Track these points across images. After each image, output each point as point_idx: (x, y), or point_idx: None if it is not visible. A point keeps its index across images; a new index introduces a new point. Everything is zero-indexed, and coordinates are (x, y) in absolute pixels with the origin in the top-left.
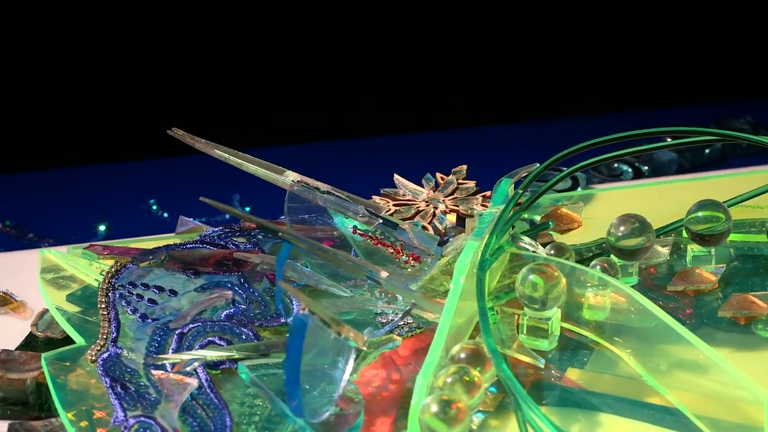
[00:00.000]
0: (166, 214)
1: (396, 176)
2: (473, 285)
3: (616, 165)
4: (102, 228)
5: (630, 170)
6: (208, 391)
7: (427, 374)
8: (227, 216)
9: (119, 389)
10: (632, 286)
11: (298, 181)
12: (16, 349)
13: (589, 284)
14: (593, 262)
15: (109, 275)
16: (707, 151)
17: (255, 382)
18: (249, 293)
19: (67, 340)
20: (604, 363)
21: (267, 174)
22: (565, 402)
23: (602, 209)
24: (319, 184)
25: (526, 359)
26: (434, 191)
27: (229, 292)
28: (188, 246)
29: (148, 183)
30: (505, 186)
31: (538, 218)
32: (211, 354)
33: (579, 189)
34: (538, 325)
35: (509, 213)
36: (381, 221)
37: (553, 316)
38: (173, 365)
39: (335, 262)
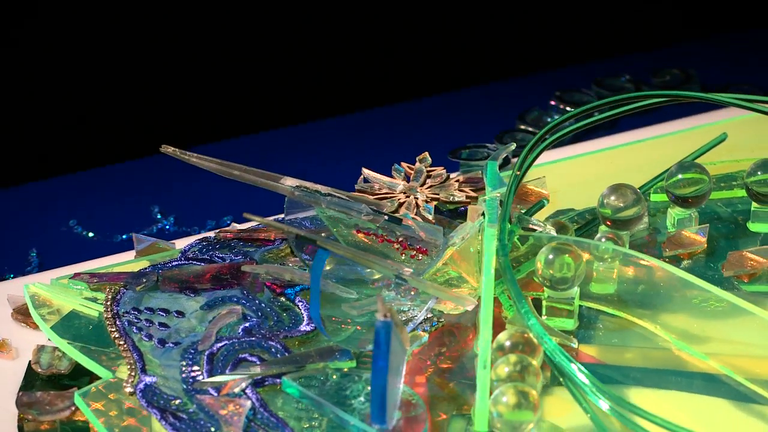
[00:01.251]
0: (91, 234)
1: (365, 170)
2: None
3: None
4: (33, 254)
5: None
6: (262, 410)
7: (488, 367)
8: (159, 226)
9: (171, 419)
10: None
11: (296, 186)
12: (21, 390)
13: (606, 258)
14: (597, 236)
15: (109, 303)
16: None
17: (306, 395)
18: (258, 306)
19: (76, 373)
20: (631, 337)
21: (264, 182)
22: (603, 379)
23: (558, 182)
24: (318, 187)
25: (557, 340)
26: (407, 181)
27: (239, 307)
28: (175, 264)
29: (60, 201)
30: (494, 169)
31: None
32: (256, 372)
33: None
34: (562, 306)
35: (513, 195)
36: (386, 218)
37: (576, 295)
38: (218, 389)
39: (368, 263)
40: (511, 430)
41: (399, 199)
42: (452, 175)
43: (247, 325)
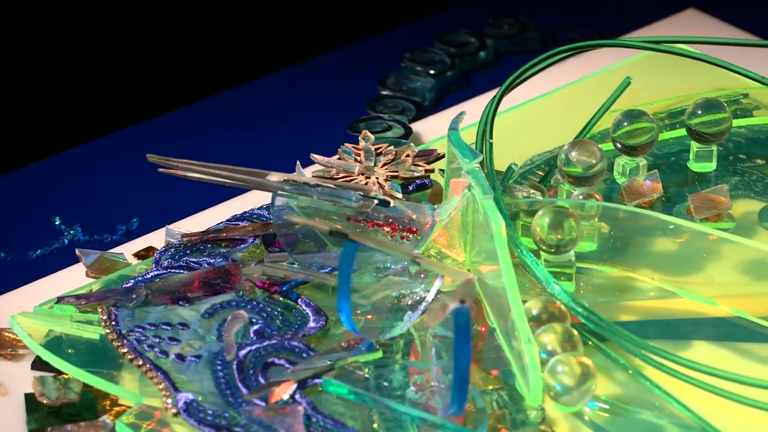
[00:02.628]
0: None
1: (313, 155)
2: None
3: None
4: None
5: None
6: (316, 413)
7: (532, 340)
8: (69, 237)
9: None
10: None
11: (284, 180)
12: (30, 425)
13: (592, 215)
14: (575, 194)
15: (108, 323)
16: (482, 54)
17: (357, 392)
18: (259, 307)
19: (88, 401)
20: (626, 292)
21: (253, 180)
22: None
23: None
24: (306, 178)
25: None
26: (359, 162)
27: (242, 311)
28: (154, 275)
29: None
30: (459, 138)
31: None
32: (300, 375)
33: (390, 132)
34: (562, 270)
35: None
36: (376, 202)
37: (573, 257)
38: (265, 398)
39: (388, 251)
40: (578, 399)
41: (360, 182)
42: (398, 150)
43: (256, 328)
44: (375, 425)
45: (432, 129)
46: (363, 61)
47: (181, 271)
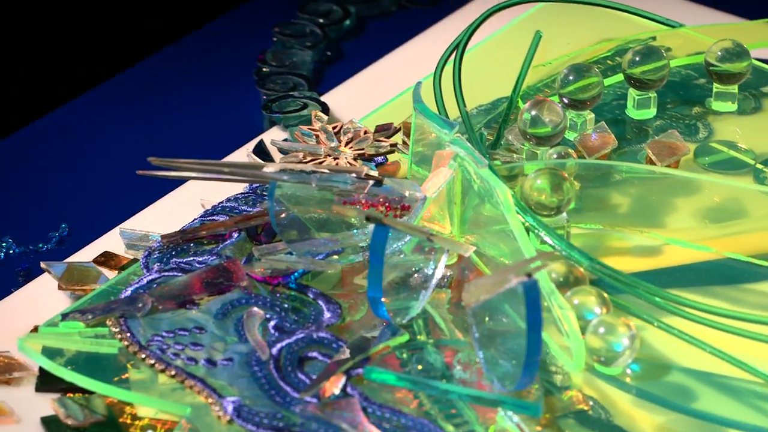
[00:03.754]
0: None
1: (273, 141)
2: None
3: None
4: None
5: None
6: (371, 404)
7: (565, 306)
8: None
9: None
10: None
11: (281, 170)
12: None
13: (572, 174)
14: (549, 153)
15: (123, 336)
16: (347, 22)
17: (405, 378)
18: (270, 302)
19: (110, 417)
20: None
21: (252, 173)
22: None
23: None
24: (302, 166)
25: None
26: (320, 143)
27: (255, 308)
28: (150, 281)
29: None
30: (428, 109)
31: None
32: (343, 367)
33: (306, 110)
34: (559, 231)
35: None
36: (372, 183)
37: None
38: (316, 395)
39: (412, 232)
40: (625, 360)
41: (331, 163)
42: (354, 128)
43: (274, 323)
44: (426, 409)
45: (338, 102)
46: (229, 35)
47: (176, 273)
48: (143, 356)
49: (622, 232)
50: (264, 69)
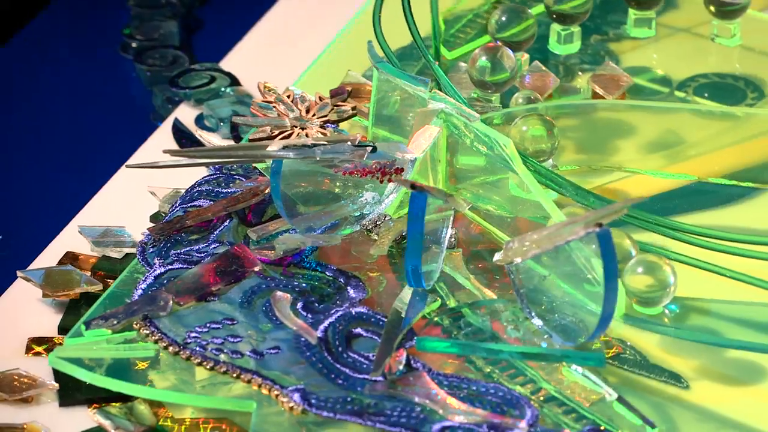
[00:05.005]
0: None
1: (235, 118)
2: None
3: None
4: None
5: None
6: (438, 375)
7: None
8: None
9: (374, 417)
10: None
11: (283, 147)
12: None
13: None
14: (515, 96)
15: (157, 337)
16: None
17: (458, 343)
18: (290, 284)
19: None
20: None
21: (256, 154)
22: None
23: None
24: (303, 140)
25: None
26: (281, 115)
27: (279, 292)
28: (158, 275)
29: None
30: (395, 69)
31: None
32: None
33: (215, 84)
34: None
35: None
36: (370, 149)
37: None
38: (383, 375)
39: (437, 194)
40: (665, 299)
41: (299, 134)
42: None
43: (300, 304)
44: (487, 372)
45: (238, 71)
46: (77, 15)
47: (182, 266)
48: (186, 355)
49: (599, 169)
50: (134, 44)
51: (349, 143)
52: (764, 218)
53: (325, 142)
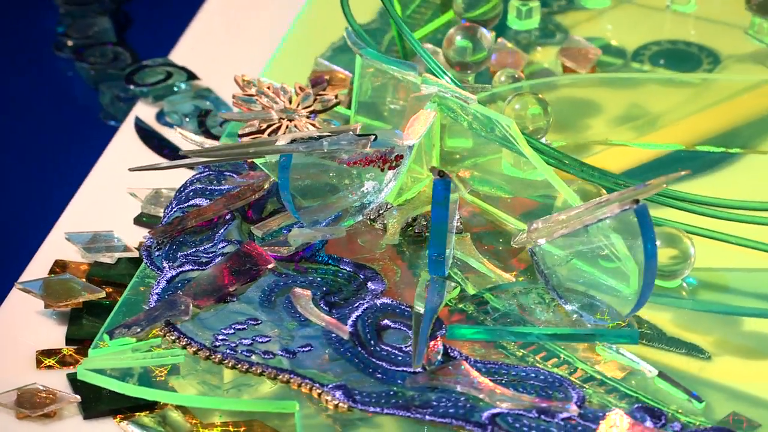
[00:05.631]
0: None
1: (221, 114)
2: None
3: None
4: None
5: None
6: (476, 363)
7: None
8: None
9: (422, 410)
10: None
11: (292, 140)
12: None
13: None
14: (498, 77)
15: (185, 342)
16: None
17: (483, 330)
18: (307, 280)
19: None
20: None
21: (267, 149)
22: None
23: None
24: (309, 132)
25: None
26: (266, 108)
27: (298, 288)
28: (170, 280)
29: None
30: (380, 55)
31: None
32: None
33: (172, 79)
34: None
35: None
36: (373, 138)
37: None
38: (423, 366)
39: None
40: (684, 271)
41: (288, 127)
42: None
43: (321, 300)
44: (520, 354)
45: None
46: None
47: (194, 267)
48: (218, 359)
49: (586, 144)
50: (69, 42)
51: (351, 133)
52: (748, 182)
53: (329, 134)
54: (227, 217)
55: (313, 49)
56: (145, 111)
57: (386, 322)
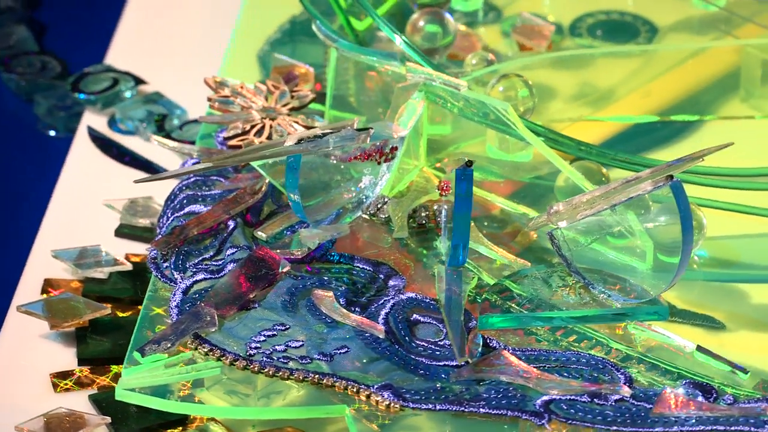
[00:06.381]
0: None
1: (201, 118)
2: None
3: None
4: None
5: None
6: (515, 350)
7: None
8: None
9: (475, 403)
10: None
11: (299, 140)
12: None
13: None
14: (468, 59)
15: (220, 354)
16: None
17: (509, 318)
18: (322, 281)
19: None
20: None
21: (278, 150)
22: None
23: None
24: (313, 131)
25: None
26: (244, 109)
27: (318, 290)
28: (186, 290)
29: None
30: (357, 47)
31: None
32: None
33: (120, 85)
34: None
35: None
36: (372, 131)
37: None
38: (465, 362)
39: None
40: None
41: (271, 125)
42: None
43: (342, 300)
44: (552, 339)
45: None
46: None
47: (206, 276)
48: (256, 368)
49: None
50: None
51: (349, 128)
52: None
53: (331, 130)
54: (228, 223)
55: (263, 44)
56: (94, 120)
57: (416, 316)
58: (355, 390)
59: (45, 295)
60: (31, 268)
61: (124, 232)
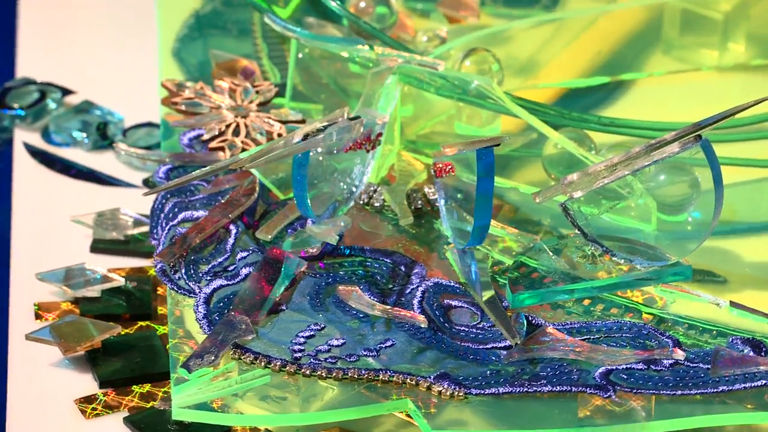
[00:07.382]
0: None
1: (175, 123)
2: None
3: None
4: None
5: None
6: (557, 326)
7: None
8: None
9: (535, 381)
10: None
11: (304, 136)
12: None
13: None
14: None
15: (264, 361)
16: None
17: (541, 293)
18: (342, 278)
19: None
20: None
21: (290, 148)
22: None
23: None
24: (315, 125)
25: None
26: (213, 109)
27: (343, 287)
28: (207, 298)
29: None
30: (321, 36)
31: None
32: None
33: (49, 98)
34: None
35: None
36: (364, 120)
37: None
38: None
39: None
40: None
41: (246, 123)
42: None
43: (368, 292)
44: (581, 310)
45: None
46: None
47: (224, 282)
48: (308, 371)
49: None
50: None
51: (341, 119)
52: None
53: (328, 123)
54: (230, 227)
55: (192, 42)
56: (26, 135)
57: (447, 301)
58: (413, 382)
59: (39, 321)
60: (16, 295)
61: (99, 247)
